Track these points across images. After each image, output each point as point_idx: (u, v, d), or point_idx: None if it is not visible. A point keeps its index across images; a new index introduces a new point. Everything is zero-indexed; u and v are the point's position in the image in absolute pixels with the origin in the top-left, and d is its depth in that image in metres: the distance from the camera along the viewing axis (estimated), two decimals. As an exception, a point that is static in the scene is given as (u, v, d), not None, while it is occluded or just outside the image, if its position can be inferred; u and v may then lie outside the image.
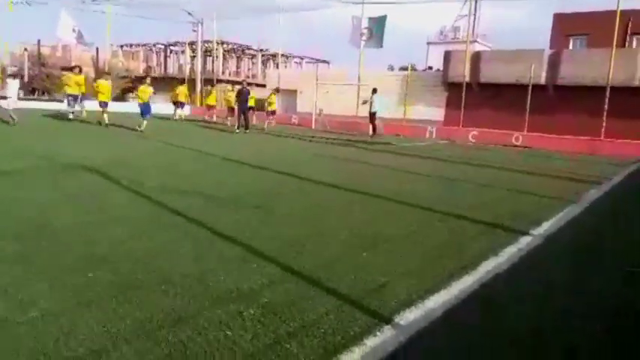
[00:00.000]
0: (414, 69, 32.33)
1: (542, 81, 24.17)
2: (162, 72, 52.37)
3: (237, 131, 18.95)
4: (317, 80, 27.21)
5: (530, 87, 22.83)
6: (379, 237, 4.84)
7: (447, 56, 28.02)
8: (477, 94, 25.96)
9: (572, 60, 23.88)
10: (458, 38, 44.44)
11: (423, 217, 6.03)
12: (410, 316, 3.02)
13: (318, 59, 55.93)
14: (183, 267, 3.66)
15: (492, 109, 25.05)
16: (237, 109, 19.71)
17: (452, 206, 6.53)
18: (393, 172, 10.63)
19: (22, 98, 24.99)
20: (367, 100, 20.89)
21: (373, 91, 20.59)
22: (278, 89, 25.15)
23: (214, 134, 18.49)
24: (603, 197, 8.54)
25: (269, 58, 54.83)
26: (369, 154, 14.39)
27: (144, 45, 56.35)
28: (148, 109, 16.58)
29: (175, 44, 52.82)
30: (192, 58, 48.43)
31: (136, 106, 17.55)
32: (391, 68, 36.17)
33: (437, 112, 28.31)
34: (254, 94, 22.82)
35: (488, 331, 2.98)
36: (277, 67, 44.08)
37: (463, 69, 25.70)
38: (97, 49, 41.74)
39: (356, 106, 27.65)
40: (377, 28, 28.13)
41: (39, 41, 40.59)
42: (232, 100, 21.37)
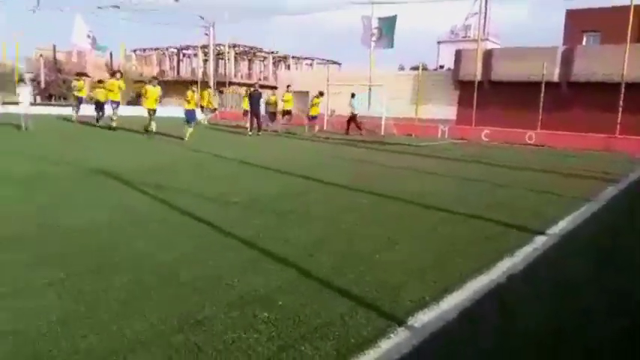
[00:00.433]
0: (425, 68, 32.12)
1: (556, 78, 23.90)
2: (175, 75, 52.77)
3: (250, 134, 19.02)
4: (328, 82, 27.21)
5: (543, 84, 22.61)
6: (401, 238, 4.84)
7: (458, 55, 27.83)
8: (489, 92, 25.74)
9: (585, 56, 23.57)
10: (469, 37, 44.11)
11: (439, 218, 6.01)
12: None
13: (328, 60, 55.93)
14: (200, 270, 3.70)
15: (505, 108, 24.80)
16: (249, 112, 19.80)
17: (472, 207, 6.51)
18: (413, 173, 10.56)
19: (37, 104, 25.40)
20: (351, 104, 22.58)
21: (352, 95, 22.47)
22: (322, 92, 22.06)
23: (237, 138, 18.55)
24: (620, 195, 8.44)
25: (280, 60, 54.97)
26: (385, 155, 14.37)
27: (156, 49, 56.83)
28: (193, 116, 15.39)
29: (188, 48, 53.19)
30: (205, 62, 48.75)
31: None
32: (402, 68, 36.04)
33: (449, 111, 28.12)
34: (289, 97, 21.39)
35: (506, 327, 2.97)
36: (289, 68, 44.20)
37: (474, 67, 25.50)
38: (111, 54, 42.18)
39: (367, 107, 27.57)
40: (387, 28, 28.00)
41: (54, 47, 41.07)
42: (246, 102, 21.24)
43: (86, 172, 8.15)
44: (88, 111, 20.02)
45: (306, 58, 56.62)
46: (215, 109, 27.98)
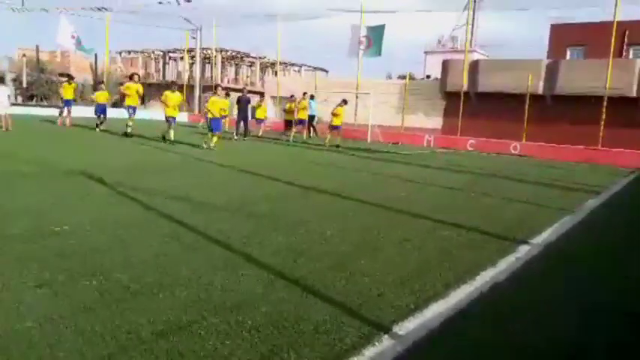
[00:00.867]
0: (412, 78, 32.41)
1: (540, 91, 24.31)
2: (161, 79, 52.51)
3: (236, 138, 18.92)
4: (315, 88, 27.29)
5: (528, 96, 22.94)
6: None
7: (445, 65, 28.15)
8: (475, 103, 26.06)
9: (569, 70, 24.01)
10: (456, 48, 44.69)
11: (423, 225, 6.03)
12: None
13: (316, 67, 56.12)
14: (181, 276, 3.64)
15: (490, 118, 25.12)
16: (236, 117, 19.78)
17: (451, 216, 6.54)
18: (402, 181, 10.61)
19: (18, 104, 24.97)
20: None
21: (311, 97, 22.71)
22: (345, 100, 19.72)
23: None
24: (600, 207, 8.56)
25: (267, 66, 55.00)
26: (374, 163, 14.41)
27: (142, 52, 56.47)
28: (218, 125, 14.36)
29: (174, 51, 52.93)
30: (191, 65, 48.55)
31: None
32: (389, 77, 36.37)
33: (435, 121, 28.40)
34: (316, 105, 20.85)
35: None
36: (276, 74, 44.19)
37: (461, 78, 25.80)
38: (96, 56, 41.85)
39: (354, 114, 27.68)
40: (375, 37, 28.23)
41: (37, 47, 40.64)
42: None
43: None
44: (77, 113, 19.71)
45: (293, 65, 56.76)
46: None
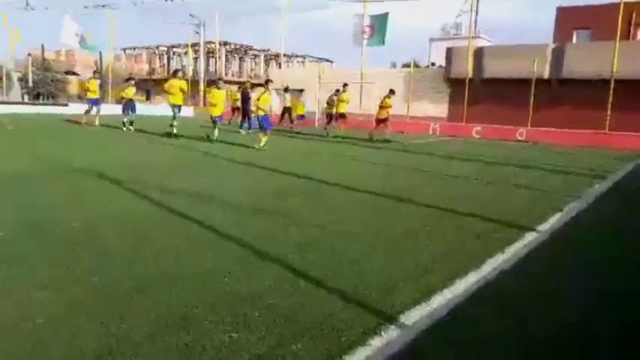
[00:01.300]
0: (416, 66, 32.20)
1: (546, 75, 24.06)
2: (166, 74, 52.55)
3: (242, 132, 18.95)
4: (320, 79, 27.22)
5: (533, 81, 22.74)
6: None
7: (450, 52, 27.94)
8: (481, 89, 25.86)
9: (576, 53, 23.74)
10: (460, 34, 44.27)
11: (429, 215, 6.04)
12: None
13: (320, 58, 55.93)
14: (190, 268, 3.69)
15: (496, 105, 24.96)
16: (241, 110, 19.82)
17: (455, 204, 6.54)
18: (409, 171, 10.62)
19: (25, 103, 25.09)
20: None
21: (285, 89, 22.82)
22: (393, 91, 17.71)
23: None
24: (607, 192, 8.52)
25: (271, 58, 54.86)
26: (384, 153, 14.37)
27: (147, 48, 56.52)
28: (267, 122, 13.27)
29: (178, 46, 52.92)
30: (195, 60, 48.53)
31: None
32: (394, 65, 36.12)
33: (440, 109, 28.26)
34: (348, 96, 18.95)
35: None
36: (280, 66, 44.08)
37: (466, 65, 25.60)
38: (100, 53, 41.92)
39: (359, 104, 27.58)
40: (379, 26, 28.05)
41: (42, 46, 40.80)
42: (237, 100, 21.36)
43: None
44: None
45: (298, 56, 56.58)
46: (303, 116, 25.05)
